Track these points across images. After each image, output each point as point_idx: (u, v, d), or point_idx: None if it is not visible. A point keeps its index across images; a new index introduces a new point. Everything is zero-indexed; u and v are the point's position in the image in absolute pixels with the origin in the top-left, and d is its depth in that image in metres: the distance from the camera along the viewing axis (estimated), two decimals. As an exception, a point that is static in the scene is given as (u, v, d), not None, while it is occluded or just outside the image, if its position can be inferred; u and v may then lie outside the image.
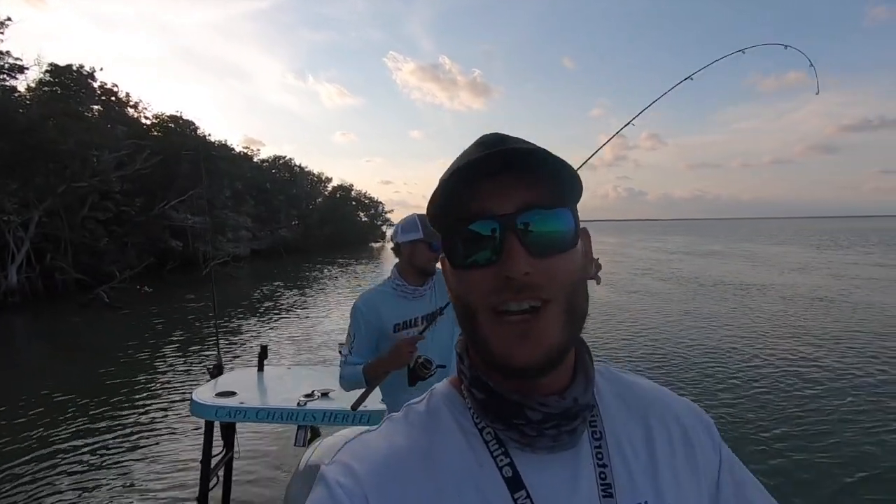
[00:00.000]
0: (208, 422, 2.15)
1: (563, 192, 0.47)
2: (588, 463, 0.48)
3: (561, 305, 0.46)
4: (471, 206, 0.46)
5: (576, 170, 0.48)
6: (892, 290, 13.34)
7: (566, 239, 0.46)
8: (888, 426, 4.82)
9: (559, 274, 0.45)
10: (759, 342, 8.02)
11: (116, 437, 4.73)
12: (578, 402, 0.48)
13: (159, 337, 9.14)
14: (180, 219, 20.82)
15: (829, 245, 34.35)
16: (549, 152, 0.45)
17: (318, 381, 2.45)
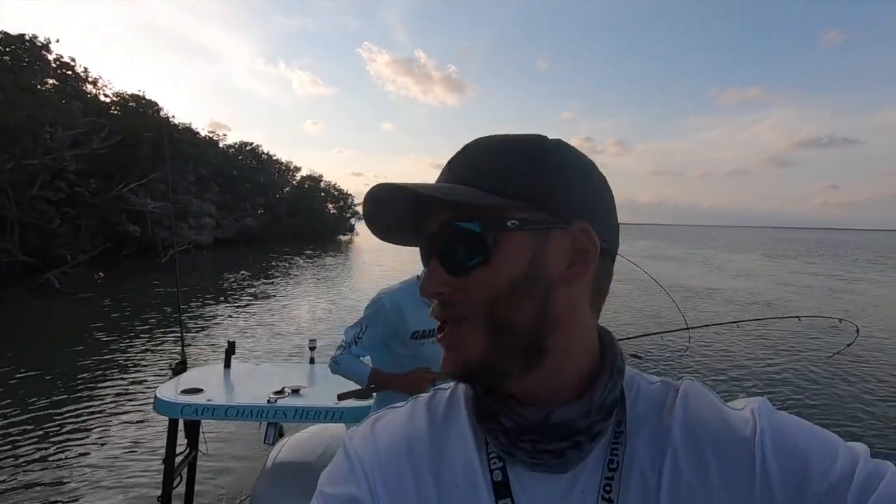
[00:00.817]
0: (172, 420, 2.09)
1: (476, 204, 0.43)
2: (592, 494, 0.44)
3: (478, 322, 0.44)
4: (418, 226, 0.48)
5: (517, 178, 0.44)
6: (828, 298, 14.72)
7: (473, 252, 0.43)
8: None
9: (471, 290, 0.44)
10: (697, 341, 8.50)
11: (74, 435, 4.53)
12: (551, 421, 0.44)
13: (117, 327, 8.76)
14: (139, 203, 19.97)
15: (777, 254, 36.65)
16: (466, 178, 0.44)
17: (287, 378, 2.42)
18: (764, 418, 0.43)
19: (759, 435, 0.42)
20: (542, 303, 0.44)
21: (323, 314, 10.83)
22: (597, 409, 0.45)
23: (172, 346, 7.54)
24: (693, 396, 0.46)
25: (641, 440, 0.45)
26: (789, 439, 0.42)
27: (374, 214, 0.48)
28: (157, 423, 4.66)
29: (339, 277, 18.02)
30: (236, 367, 2.49)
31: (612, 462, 0.45)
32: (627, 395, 0.48)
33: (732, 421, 0.44)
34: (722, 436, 0.43)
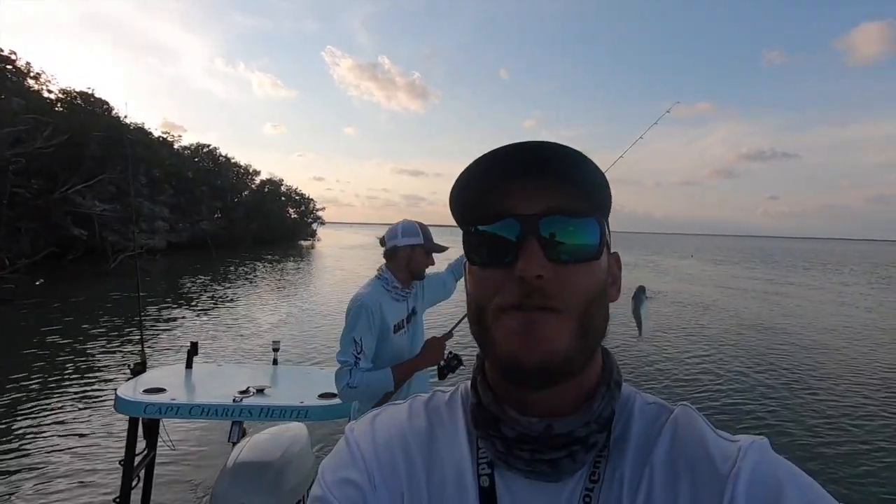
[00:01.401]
0: (132, 419, 2.07)
1: (593, 201, 0.45)
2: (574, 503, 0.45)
3: (572, 316, 0.43)
4: (496, 204, 0.45)
5: (607, 181, 0.47)
6: (758, 300, 15.98)
7: (589, 249, 0.45)
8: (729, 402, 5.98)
9: (575, 284, 0.44)
10: (649, 341, 9.35)
11: (28, 440, 4.38)
12: (553, 431, 0.45)
13: (68, 333, 8.34)
14: (86, 205, 19.00)
15: (722, 261, 39.07)
16: (585, 162, 0.44)
17: (251, 378, 2.44)
18: (750, 457, 0.42)
19: (736, 472, 0.41)
20: (607, 311, 0.47)
21: (286, 317, 10.69)
22: (595, 420, 0.45)
23: (130, 350, 7.31)
24: (683, 423, 0.46)
25: (625, 457, 0.46)
26: (767, 484, 0.40)
27: (516, 153, 0.43)
28: (114, 426, 4.58)
29: (301, 281, 17.77)
30: (199, 367, 2.48)
31: (594, 474, 0.45)
32: (623, 411, 0.49)
33: (715, 453, 0.43)
34: (700, 466, 0.42)
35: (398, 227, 2.09)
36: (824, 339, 10.23)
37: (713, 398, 6.26)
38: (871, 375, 7.51)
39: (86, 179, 19.04)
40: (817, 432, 5.25)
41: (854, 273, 30.40)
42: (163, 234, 24.40)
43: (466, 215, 0.47)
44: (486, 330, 0.45)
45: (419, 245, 2.03)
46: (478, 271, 0.46)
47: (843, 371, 7.69)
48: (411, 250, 2.04)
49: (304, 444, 2.53)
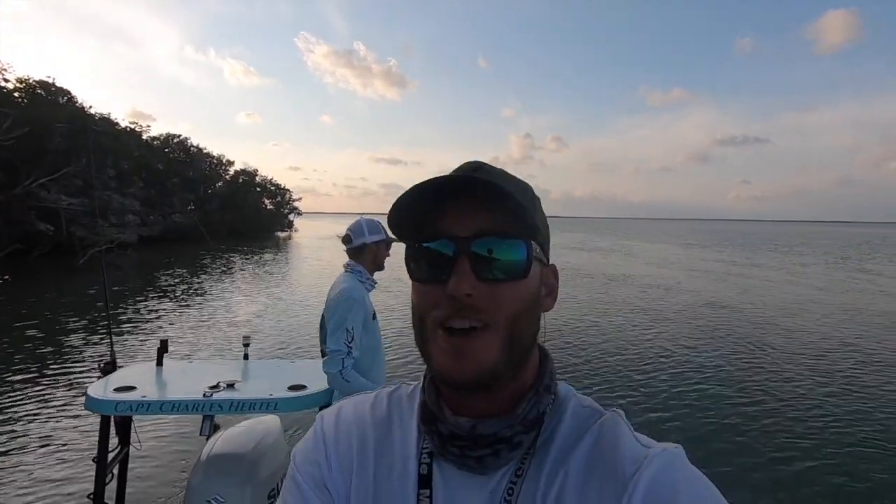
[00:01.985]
0: (104, 417, 2.11)
1: (522, 223, 0.48)
2: (498, 496, 0.49)
3: (500, 331, 0.47)
4: (434, 224, 0.49)
5: (537, 207, 0.53)
6: (719, 281, 17.00)
7: (515, 269, 0.48)
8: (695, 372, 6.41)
9: (502, 300, 0.47)
10: (608, 319, 10.13)
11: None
12: (477, 432, 0.49)
13: (36, 330, 8.17)
14: (51, 199, 18.39)
15: (693, 244, 40.46)
16: (512, 189, 0.47)
17: (221, 373, 2.48)
18: (655, 464, 0.44)
19: (638, 477, 0.43)
20: (537, 324, 0.52)
21: (261, 310, 10.63)
22: (519, 422, 0.49)
23: (100, 348, 7.23)
24: (606, 428, 0.49)
25: (549, 456, 0.49)
26: (663, 491, 0.42)
27: (450, 180, 0.47)
28: (85, 424, 4.58)
29: (277, 273, 17.63)
30: (169, 364, 2.52)
31: (519, 470, 0.49)
32: (556, 412, 0.52)
33: (625, 458, 0.46)
34: (609, 469, 0.46)
35: (363, 224, 2.25)
36: (773, 314, 11.07)
37: (661, 371, 6.76)
38: (808, 346, 8.32)
39: (50, 173, 18.42)
40: (749, 395, 5.87)
41: (814, 254, 31.71)
42: (134, 227, 23.76)
43: (407, 233, 0.51)
44: (424, 342, 0.50)
45: (383, 240, 2.19)
46: (419, 286, 0.50)
47: (784, 343, 8.49)
48: (377, 246, 2.22)
49: (277, 435, 2.60)
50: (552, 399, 0.52)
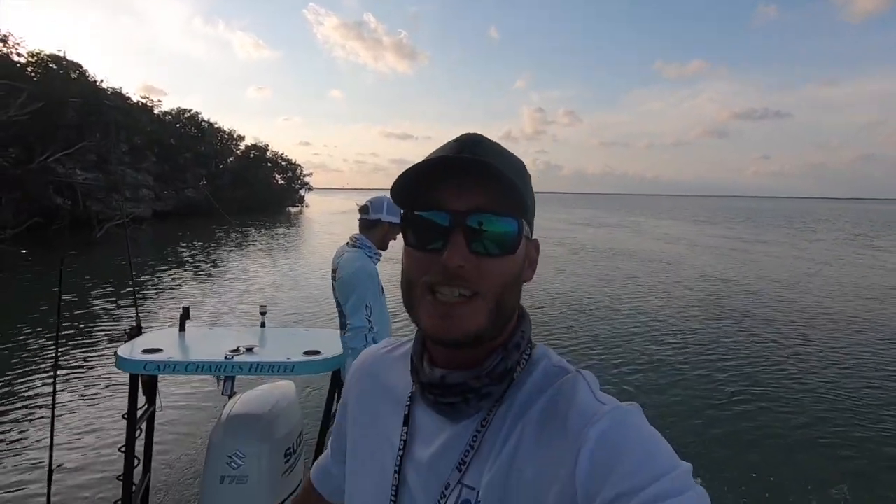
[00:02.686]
0: (133, 376, 2.25)
1: (513, 203, 0.51)
2: (465, 440, 0.54)
3: (488, 301, 0.51)
4: (433, 197, 0.52)
5: (528, 186, 0.56)
6: (722, 255, 17.21)
7: (506, 244, 0.52)
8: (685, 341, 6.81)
9: (492, 273, 0.51)
10: (610, 293, 10.46)
11: (33, 398, 4.67)
12: (446, 381, 0.54)
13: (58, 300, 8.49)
14: (67, 174, 18.65)
15: (704, 221, 40.24)
16: (506, 168, 0.50)
17: (241, 338, 2.61)
18: (607, 419, 0.47)
19: (590, 430, 0.46)
20: (520, 293, 0.56)
21: (275, 281, 10.92)
22: (486, 374, 0.54)
23: (122, 317, 7.53)
24: (568, 385, 0.53)
25: (513, 408, 0.53)
26: (613, 442, 0.45)
27: (451, 160, 0.50)
28: (112, 386, 4.88)
29: (290, 247, 17.95)
30: (191, 330, 2.64)
31: (485, 420, 0.54)
32: (529, 369, 0.56)
33: (581, 413, 0.49)
34: (562, 423, 0.49)
35: (384, 201, 2.31)
36: (772, 288, 11.34)
37: (644, 335, 7.26)
38: (805, 318, 8.64)
39: (65, 147, 18.61)
40: (739, 361, 6.23)
41: (827, 230, 31.45)
42: (148, 202, 24.12)
43: (407, 201, 0.54)
44: (413, 304, 0.54)
45: (397, 224, 2.28)
46: (413, 252, 0.54)
47: (781, 315, 8.78)
48: (390, 227, 2.29)
49: (292, 399, 2.74)
50: (524, 356, 0.57)
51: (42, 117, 17.28)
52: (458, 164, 0.50)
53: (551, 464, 0.48)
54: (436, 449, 0.55)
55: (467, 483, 0.52)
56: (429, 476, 0.54)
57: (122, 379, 2.31)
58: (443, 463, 0.54)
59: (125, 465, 2.18)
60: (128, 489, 2.18)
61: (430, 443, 0.56)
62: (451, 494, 0.52)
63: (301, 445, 2.54)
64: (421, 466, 0.56)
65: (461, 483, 0.52)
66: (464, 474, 0.52)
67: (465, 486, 0.51)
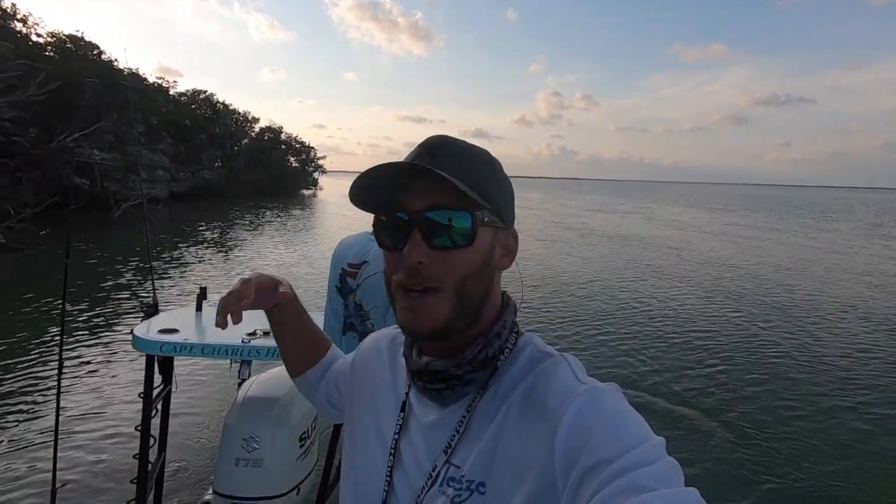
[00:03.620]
0: (149, 356, 2.23)
1: (470, 198, 0.53)
2: (452, 424, 0.57)
3: (448, 293, 0.54)
4: (395, 200, 0.56)
5: (492, 178, 0.58)
6: (730, 243, 17.27)
7: (462, 237, 0.54)
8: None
9: (451, 266, 0.54)
10: (617, 276, 10.75)
11: (51, 377, 4.71)
12: (429, 368, 0.58)
13: (78, 280, 8.62)
14: (86, 154, 18.85)
15: (719, 208, 39.97)
16: (458, 173, 0.53)
17: (257, 321, 2.57)
18: (584, 398, 0.49)
19: (567, 408, 0.49)
20: (489, 282, 0.58)
21: (291, 263, 10.98)
22: (467, 362, 0.57)
23: (140, 295, 7.62)
24: (550, 368, 0.55)
25: (497, 393, 0.56)
26: (587, 419, 0.47)
27: (404, 167, 0.54)
28: (128, 365, 4.96)
29: (305, 228, 18.15)
30: (208, 311, 2.62)
31: (471, 405, 0.57)
32: (515, 355, 0.59)
33: (560, 392, 0.51)
34: (542, 404, 0.51)
35: None
36: (774, 274, 11.48)
37: (639, 318, 7.44)
38: (796, 302, 8.88)
39: (82, 128, 18.78)
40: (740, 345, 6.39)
41: (843, 220, 30.84)
42: (164, 183, 24.33)
43: (370, 208, 0.59)
44: (392, 301, 0.59)
45: None
46: (385, 253, 0.59)
47: (787, 303, 8.86)
48: None
49: None
50: (508, 345, 0.59)
51: (60, 97, 17.42)
52: (410, 172, 0.54)
53: (532, 441, 0.50)
54: (427, 431, 0.59)
55: (454, 462, 0.55)
56: (420, 455, 0.59)
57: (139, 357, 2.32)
58: (433, 444, 0.58)
59: (141, 444, 2.18)
60: (143, 468, 2.18)
61: (422, 425, 0.60)
62: (439, 472, 0.56)
63: (315, 431, 2.51)
64: (414, 446, 0.60)
65: (449, 462, 0.56)
66: (451, 455, 0.56)
67: (453, 464, 0.55)
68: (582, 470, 0.44)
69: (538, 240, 16.62)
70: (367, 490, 0.62)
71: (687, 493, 0.40)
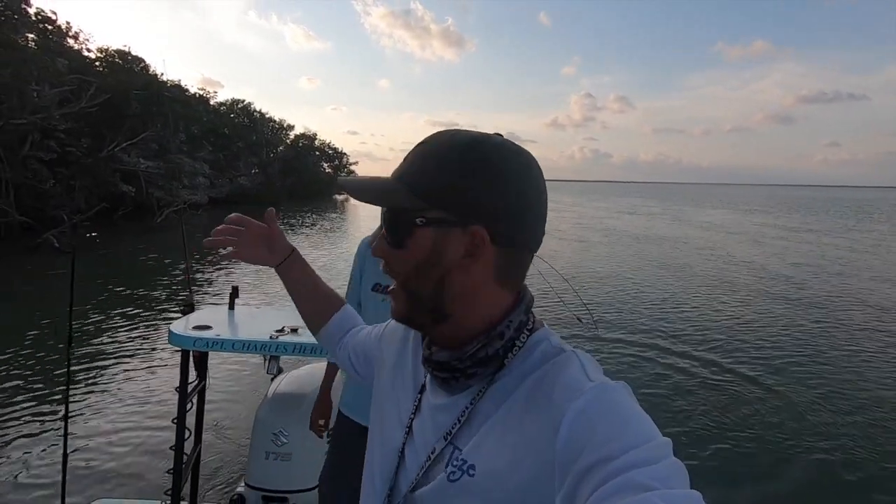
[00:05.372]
0: (184, 352, 2.32)
1: (425, 199, 0.56)
2: (455, 414, 0.59)
3: (399, 289, 0.61)
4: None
5: (442, 185, 0.56)
6: (762, 245, 17.23)
7: (393, 239, 0.59)
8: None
9: (395, 265, 0.60)
10: (643, 275, 11.06)
11: (94, 368, 5.03)
12: (433, 358, 0.61)
13: (123, 280, 9.10)
14: (132, 162, 19.80)
15: (757, 210, 39.10)
16: (407, 178, 0.58)
17: (286, 319, 2.65)
18: (590, 395, 0.49)
19: (572, 403, 0.48)
20: (438, 281, 0.58)
21: (326, 264, 11.42)
22: (468, 358, 0.58)
23: (177, 294, 8.10)
24: (560, 363, 0.55)
25: (506, 385, 0.57)
26: (591, 415, 0.47)
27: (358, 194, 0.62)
28: (165, 360, 5.20)
29: (339, 231, 18.75)
30: (239, 309, 2.71)
31: (478, 395, 0.58)
32: (528, 350, 0.59)
33: (566, 388, 0.51)
34: (548, 398, 0.51)
35: None
36: (790, 271, 11.60)
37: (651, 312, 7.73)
38: (812, 299, 9.04)
39: (129, 138, 19.73)
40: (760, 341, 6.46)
41: (891, 222, 29.38)
42: (204, 189, 25.25)
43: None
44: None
45: None
46: None
47: (794, 294, 9.26)
48: None
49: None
50: (513, 343, 0.59)
51: (109, 109, 18.37)
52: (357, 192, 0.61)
53: (534, 433, 0.51)
54: (435, 414, 0.62)
55: (456, 444, 0.58)
56: (428, 436, 0.62)
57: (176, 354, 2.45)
58: (440, 427, 0.60)
59: (177, 436, 2.26)
60: (179, 459, 2.26)
61: (432, 408, 0.63)
62: (440, 452, 0.59)
63: None
64: (424, 427, 0.63)
65: (451, 444, 0.58)
66: (452, 438, 0.58)
67: (455, 446, 0.58)
68: (583, 466, 0.44)
69: (557, 239, 17.00)
70: (384, 463, 0.66)
71: (689, 495, 0.38)
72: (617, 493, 0.39)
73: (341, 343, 0.92)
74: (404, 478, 0.63)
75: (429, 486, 0.58)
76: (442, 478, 0.57)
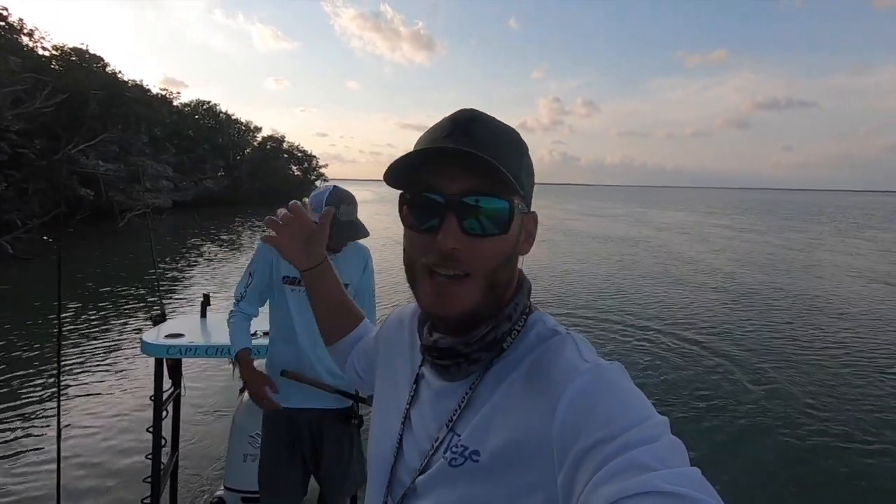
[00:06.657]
0: (158, 360, 2.35)
1: (502, 184, 0.52)
2: (456, 400, 0.59)
3: (480, 280, 0.54)
4: (426, 181, 0.54)
5: (522, 160, 0.56)
6: (702, 241, 18.64)
7: (498, 224, 0.53)
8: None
9: (484, 254, 0.54)
10: (593, 272, 11.68)
11: (63, 382, 4.92)
12: (438, 345, 0.59)
13: (86, 288, 8.77)
14: (90, 165, 19.07)
15: (713, 212, 41.37)
16: (496, 149, 0.52)
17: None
18: (587, 376, 0.49)
19: (569, 385, 0.49)
20: (515, 267, 0.58)
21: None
22: (475, 342, 0.57)
23: (145, 303, 7.81)
24: (555, 344, 0.55)
25: (503, 369, 0.57)
26: (588, 396, 0.47)
27: (442, 150, 0.52)
28: (139, 370, 5.10)
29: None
30: (212, 316, 2.74)
31: (476, 381, 0.58)
32: (523, 333, 0.59)
33: (563, 369, 0.51)
34: (545, 380, 0.51)
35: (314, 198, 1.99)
36: (736, 269, 12.39)
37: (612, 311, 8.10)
38: (748, 291, 9.77)
39: (88, 139, 19.00)
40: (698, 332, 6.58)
41: (834, 222, 31.43)
42: (167, 193, 24.52)
43: (403, 185, 0.57)
44: (414, 283, 0.59)
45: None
46: (410, 233, 0.57)
47: (744, 293, 9.67)
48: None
49: None
50: (517, 327, 0.59)
51: (66, 109, 17.67)
52: (446, 153, 0.51)
53: (532, 415, 0.50)
54: (435, 402, 0.61)
55: (457, 431, 0.57)
56: (428, 424, 0.61)
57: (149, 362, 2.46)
58: (439, 415, 0.60)
59: (153, 444, 2.29)
60: (156, 467, 2.29)
61: (431, 397, 0.62)
62: (442, 440, 0.58)
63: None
64: (423, 416, 0.62)
65: (452, 431, 0.57)
66: (453, 425, 0.58)
67: (455, 433, 0.57)
68: (582, 447, 0.44)
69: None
70: (382, 453, 0.65)
71: (689, 472, 0.39)
72: (619, 474, 0.39)
73: (348, 357, 0.90)
74: (403, 466, 0.62)
75: (429, 472, 0.57)
76: (442, 464, 0.56)
